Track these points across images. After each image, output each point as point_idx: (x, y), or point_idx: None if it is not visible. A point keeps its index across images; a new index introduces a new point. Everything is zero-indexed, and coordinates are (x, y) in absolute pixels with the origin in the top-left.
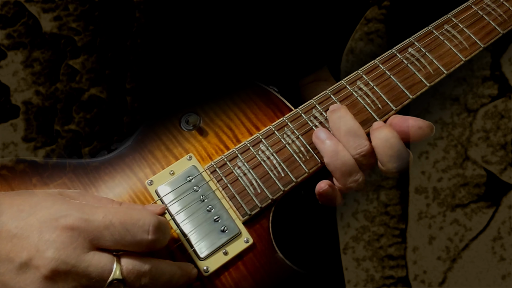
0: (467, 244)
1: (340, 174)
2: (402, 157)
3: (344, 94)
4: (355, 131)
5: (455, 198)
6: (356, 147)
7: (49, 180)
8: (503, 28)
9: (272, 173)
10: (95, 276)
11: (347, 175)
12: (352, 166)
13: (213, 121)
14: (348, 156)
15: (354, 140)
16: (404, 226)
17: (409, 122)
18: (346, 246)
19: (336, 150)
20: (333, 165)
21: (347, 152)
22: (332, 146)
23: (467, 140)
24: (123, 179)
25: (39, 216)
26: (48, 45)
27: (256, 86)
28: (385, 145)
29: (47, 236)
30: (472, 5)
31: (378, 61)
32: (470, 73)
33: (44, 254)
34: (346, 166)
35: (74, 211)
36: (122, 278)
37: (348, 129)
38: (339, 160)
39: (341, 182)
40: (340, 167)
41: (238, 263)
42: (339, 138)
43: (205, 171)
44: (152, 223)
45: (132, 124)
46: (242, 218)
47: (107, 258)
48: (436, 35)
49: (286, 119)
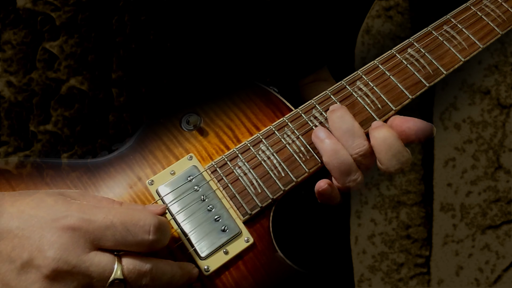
0: (499, 275)
1: (339, 173)
2: (401, 157)
3: (344, 94)
4: (354, 131)
5: (485, 218)
6: (355, 147)
7: (49, 180)
8: (502, 29)
9: (272, 172)
10: (96, 276)
11: (346, 174)
12: (351, 165)
13: (213, 121)
14: (347, 155)
15: (353, 140)
16: (428, 253)
17: (410, 123)
18: (361, 278)
19: (335, 149)
20: (332, 164)
21: (346, 152)
22: (331, 145)
23: (500, 144)
24: (124, 179)
25: (40, 216)
26: (22, 23)
27: (256, 86)
28: (384, 145)
29: (48, 236)
30: (471, 6)
31: (378, 61)
32: (503, 59)
33: (45, 254)
34: (345, 166)
35: (75, 212)
36: (123, 278)
37: (347, 129)
38: (338, 160)
39: (339, 181)
40: (339, 166)
41: (239, 263)
42: (339, 138)
43: (206, 171)
44: (153, 224)
45: (119, 123)
46: (243, 217)
47: (108, 258)
48: (435, 35)
49: (286, 119)
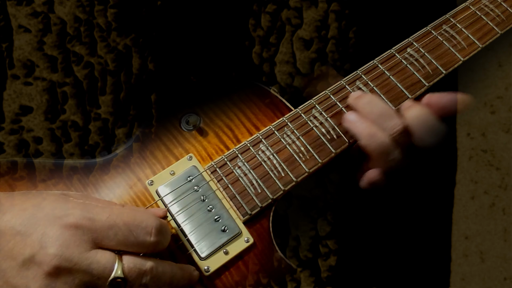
0: None
1: (379, 154)
2: (436, 131)
3: (344, 94)
4: (388, 112)
5: None
6: (391, 128)
7: (50, 181)
8: (501, 28)
9: (272, 173)
10: (97, 273)
11: (386, 154)
12: (389, 145)
13: (213, 122)
14: (385, 136)
15: (389, 121)
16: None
17: (446, 97)
18: None
19: (372, 132)
20: (371, 147)
21: (383, 133)
22: (367, 128)
23: None
24: (124, 180)
25: (43, 214)
26: None
27: (255, 87)
28: (419, 121)
29: (50, 233)
30: (470, 5)
31: (377, 61)
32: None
33: (47, 250)
34: (384, 147)
35: (78, 210)
36: (123, 276)
37: (381, 112)
38: (377, 142)
39: (379, 162)
40: (378, 148)
41: (239, 263)
42: (373, 121)
43: (206, 171)
44: (155, 226)
45: (118, 124)
46: (243, 218)
47: (109, 256)
48: (434, 35)
49: (286, 119)
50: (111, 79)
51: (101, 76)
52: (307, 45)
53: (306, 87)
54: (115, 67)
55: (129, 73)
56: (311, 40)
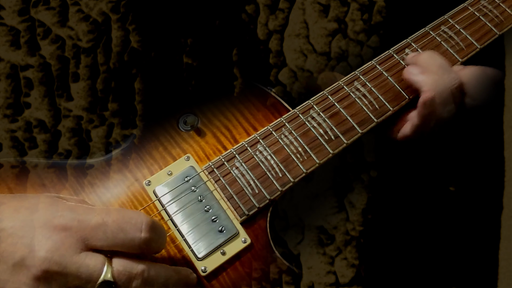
0: None
1: (440, 102)
2: (488, 92)
3: (342, 95)
4: (447, 66)
5: None
6: (450, 80)
7: (46, 181)
8: (499, 29)
9: (269, 173)
10: (85, 277)
11: (445, 104)
12: (449, 95)
13: (211, 122)
14: (445, 86)
15: (448, 74)
16: None
17: None
18: None
19: (436, 80)
20: (434, 94)
21: (444, 82)
22: (430, 77)
23: None
24: (121, 180)
25: (35, 217)
26: None
27: (253, 87)
28: (474, 79)
29: (40, 237)
30: (469, 6)
31: (375, 61)
32: None
33: (36, 254)
34: (445, 95)
35: (68, 212)
36: (112, 280)
37: (441, 64)
38: (439, 89)
39: (439, 110)
40: (440, 95)
41: (236, 263)
42: (434, 73)
43: (203, 172)
44: (145, 222)
45: (117, 124)
46: (240, 218)
47: (98, 259)
48: (433, 36)
49: (284, 120)
50: (86, 58)
51: (72, 55)
52: (324, 11)
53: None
54: (89, 42)
55: (107, 50)
56: (328, 6)
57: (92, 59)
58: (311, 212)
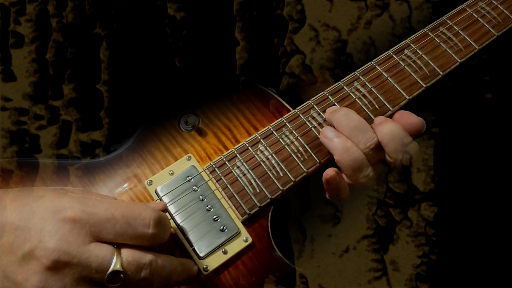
0: None
1: (352, 170)
2: (408, 148)
3: (342, 95)
4: (362, 126)
5: None
6: (365, 141)
7: (48, 181)
8: (497, 30)
9: (271, 173)
10: (96, 267)
11: (359, 170)
12: (363, 161)
13: (212, 122)
14: (358, 151)
15: (363, 135)
16: None
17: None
18: None
19: (346, 146)
20: (344, 162)
21: (357, 148)
22: (342, 143)
23: None
24: (123, 179)
25: (42, 208)
26: None
27: (254, 87)
28: (391, 137)
29: (49, 228)
30: (467, 7)
31: (375, 62)
32: None
33: (46, 245)
34: (357, 162)
35: (76, 204)
36: (122, 269)
37: (355, 125)
38: (350, 156)
39: (352, 178)
40: (352, 163)
41: (237, 262)
42: (347, 135)
43: (204, 171)
44: (153, 218)
45: (117, 124)
46: (241, 217)
47: (107, 250)
48: (431, 37)
49: (285, 120)
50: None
51: None
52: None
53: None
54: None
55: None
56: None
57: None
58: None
